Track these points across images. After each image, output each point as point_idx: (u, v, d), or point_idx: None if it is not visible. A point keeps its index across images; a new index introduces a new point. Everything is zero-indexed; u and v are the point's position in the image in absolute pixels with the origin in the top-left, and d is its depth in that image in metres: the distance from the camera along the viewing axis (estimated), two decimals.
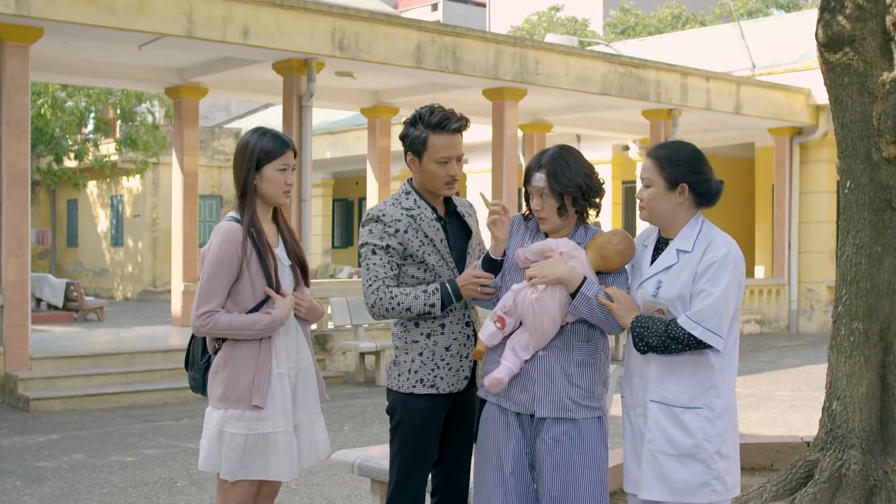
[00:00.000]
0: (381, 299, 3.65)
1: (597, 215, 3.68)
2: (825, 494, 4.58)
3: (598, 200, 3.60)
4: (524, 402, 3.53)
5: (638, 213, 3.56)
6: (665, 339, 3.32)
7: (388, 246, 3.69)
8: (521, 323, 3.53)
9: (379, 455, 4.91)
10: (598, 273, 3.53)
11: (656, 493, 3.41)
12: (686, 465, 3.36)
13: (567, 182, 3.50)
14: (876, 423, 4.64)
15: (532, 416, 3.54)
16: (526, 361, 3.52)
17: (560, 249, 3.49)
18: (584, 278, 3.44)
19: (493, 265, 3.62)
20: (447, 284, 3.65)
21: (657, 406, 3.41)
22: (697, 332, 3.29)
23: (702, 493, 3.37)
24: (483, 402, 3.68)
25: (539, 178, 3.50)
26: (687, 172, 3.43)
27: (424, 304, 3.63)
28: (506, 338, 3.55)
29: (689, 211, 3.47)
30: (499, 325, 3.52)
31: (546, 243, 3.53)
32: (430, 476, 3.91)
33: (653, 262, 3.51)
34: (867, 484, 4.56)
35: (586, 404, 3.53)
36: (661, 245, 3.53)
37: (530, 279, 3.46)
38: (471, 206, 4.00)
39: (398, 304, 3.63)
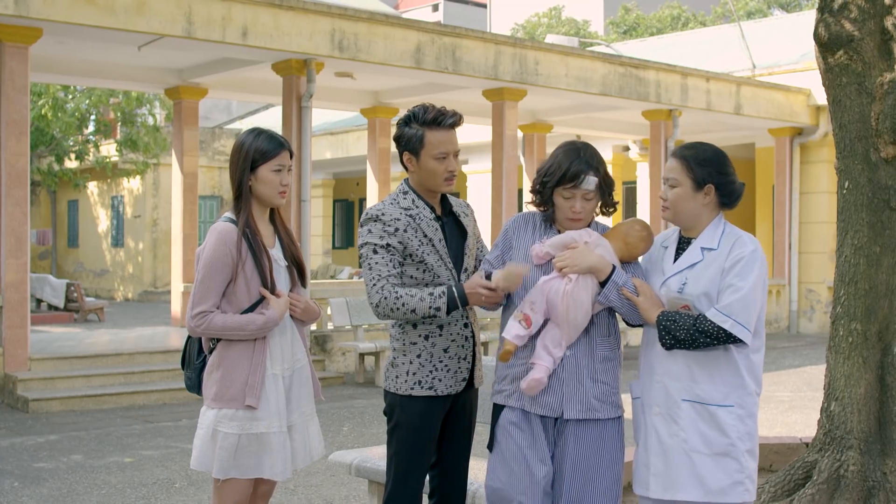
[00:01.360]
0: (385, 298, 3.59)
1: (611, 214, 3.65)
2: (823, 495, 4.57)
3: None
4: (552, 404, 3.45)
5: (661, 212, 3.53)
6: (693, 332, 3.29)
7: (388, 244, 3.65)
8: (546, 320, 3.45)
9: (377, 456, 4.90)
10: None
11: (692, 494, 3.36)
12: (720, 464, 3.33)
13: (611, 183, 3.52)
14: (874, 424, 4.64)
15: (556, 418, 3.47)
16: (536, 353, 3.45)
17: (584, 239, 3.45)
18: (614, 266, 3.42)
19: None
20: (454, 289, 3.58)
21: (690, 405, 3.37)
22: (727, 325, 3.27)
23: (736, 493, 3.34)
24: (499, 407, 3.58)
25: (592, 182, 3.44)
26: (714, 173, 3.43)
27: (430, 307, 3.56)
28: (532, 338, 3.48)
29: (712, 212, 3.48)
30: (524, 324, 3.43)
31: (569, 235, 3.47)
32: (428, 478, 3.90)
33: (675, 260, 3.50)
34: (865, 485, 4.55)
35: (611, 402, 3.49)
36: (682, 244, 3.52)
37: (560, 269, 3.39)
38: (468, 206, 3.98)
39: (403, 304, 3.57)
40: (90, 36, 11.30)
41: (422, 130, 3.68)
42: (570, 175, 3.42)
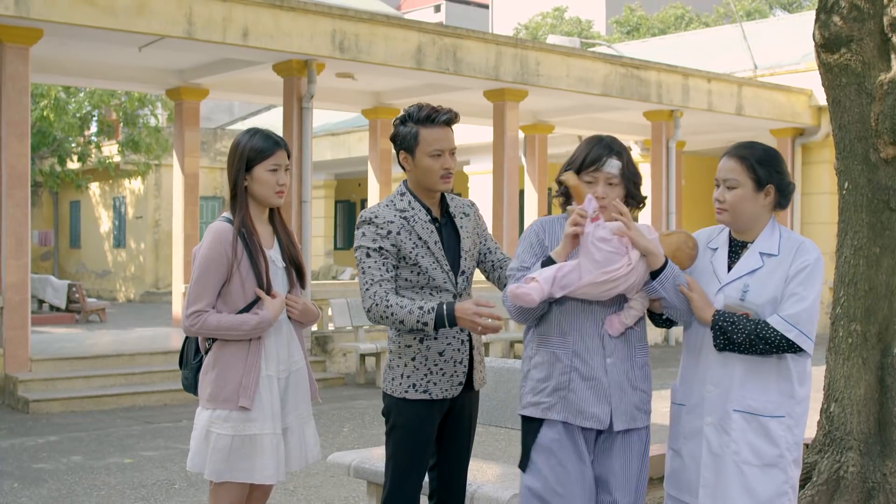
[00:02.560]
0: (376, 305, 3.58)
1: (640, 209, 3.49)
2: (823, 497, 4.56)
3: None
4: (600, 415, 3.30)
5: (717, 215, 3.40)
6: (752, 337, 3.22)
7: (380, 248, 3.64)
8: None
9: (376, 457, 4.89)
10: None
11: None
12: (768, 475, 3.29)
13: (636, 173, 3.37)
14: (874, 425, 4.62)
15: (600, 430, 3.33)
16: (586, 363, 3.28)
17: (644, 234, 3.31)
18: (667, 260, 3.28)
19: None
20: (444, 307, 3.50)
21: (741, 416, 3.30)
22: (792, 335, 3.21)
23: (780, 503, 3.31)
24: (533, 421, 3.36)
25: (614, 165, 3.29)
26: (773, 173, 3.35)
27: (417, 321, 3.52)
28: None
29: (769, 213, 3.39)
30: (594, 204, 3.20)
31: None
32: (427, 479, 3.89)
33: (729, 264, 3.41)
34: (865, 486, 4.54)
35: (646, 409, 3.39)
36: (734, 248, 3.43)
37: (622, 232, 3.21)
38: (471, 205, 3.92)
39: (392, 314, 3.55)
40: (91, 37, 11.30)
41: (416, 128, 3.67)
42: (591, 158, 3.30)
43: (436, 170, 3.67)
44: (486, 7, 57.80)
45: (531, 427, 3.38)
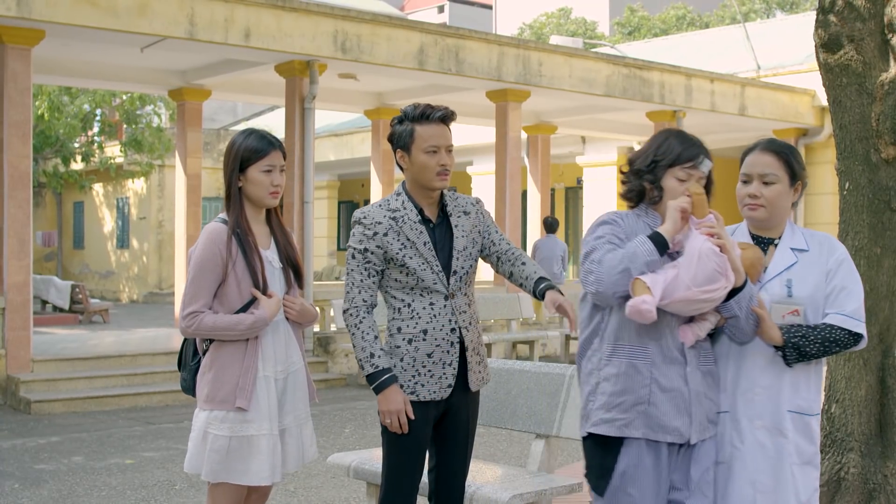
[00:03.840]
0: (351, 315, 3.66)
1: None
2: (824, 498, 4.54)
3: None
4: (681, 428, 3.14)
5: (750, 210, 3.32)
6: (826, 344, 3.20)
7: (365, 249, 3.66)
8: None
9: (375, 458, 4.89)
10: None
11: None
12: (806, 473, 3.28)
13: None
14: (875, 427, 4.61)
15: (681, 444, 3.18)
16: (665, 374, 3.16)
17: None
18: (747, 278, 3.20)
19: (661, 245, 3.09)
20: (383, 379, 3.59)
21: (793, 416, 3.27)
22: (861, 329, 3.22)
23: (814, 500, 3.30)
24: (608, 440, 3.17)
25: (708, 164, 3.20)
26: (801, 169, 3.36)
27: (360, 360, 3.64)
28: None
29: (791, 209, 3.40)
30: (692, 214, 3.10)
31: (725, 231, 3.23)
32: (427, 480, 3.89)
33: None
34: (866, 487, 4.52)
35: (714, 420, 3.27)
36: (759, 245, 3.38)
37: (720, 244, 3.09)
38: (476, 203, 3.88)
39: (353, 333, 3.65)
40: (93, 38, 11.30)
41: (412, 125, 3.68)
42: (688, 155, 3.18)
43: (431, 166, 3.66)
44: (490, 7, 57.81)
45: (608, 448, 3.17)
